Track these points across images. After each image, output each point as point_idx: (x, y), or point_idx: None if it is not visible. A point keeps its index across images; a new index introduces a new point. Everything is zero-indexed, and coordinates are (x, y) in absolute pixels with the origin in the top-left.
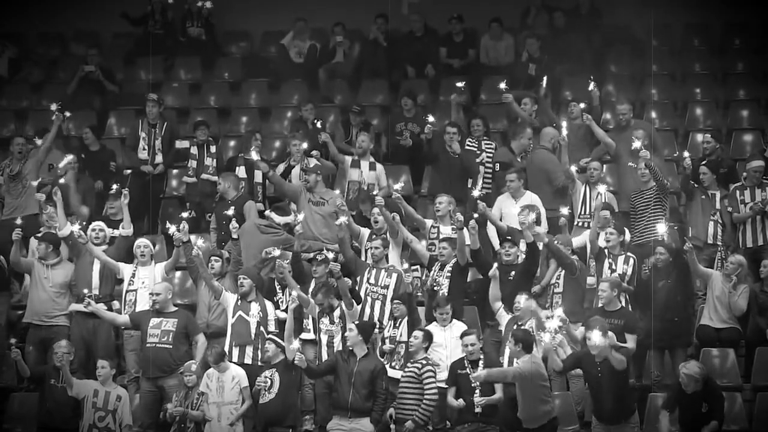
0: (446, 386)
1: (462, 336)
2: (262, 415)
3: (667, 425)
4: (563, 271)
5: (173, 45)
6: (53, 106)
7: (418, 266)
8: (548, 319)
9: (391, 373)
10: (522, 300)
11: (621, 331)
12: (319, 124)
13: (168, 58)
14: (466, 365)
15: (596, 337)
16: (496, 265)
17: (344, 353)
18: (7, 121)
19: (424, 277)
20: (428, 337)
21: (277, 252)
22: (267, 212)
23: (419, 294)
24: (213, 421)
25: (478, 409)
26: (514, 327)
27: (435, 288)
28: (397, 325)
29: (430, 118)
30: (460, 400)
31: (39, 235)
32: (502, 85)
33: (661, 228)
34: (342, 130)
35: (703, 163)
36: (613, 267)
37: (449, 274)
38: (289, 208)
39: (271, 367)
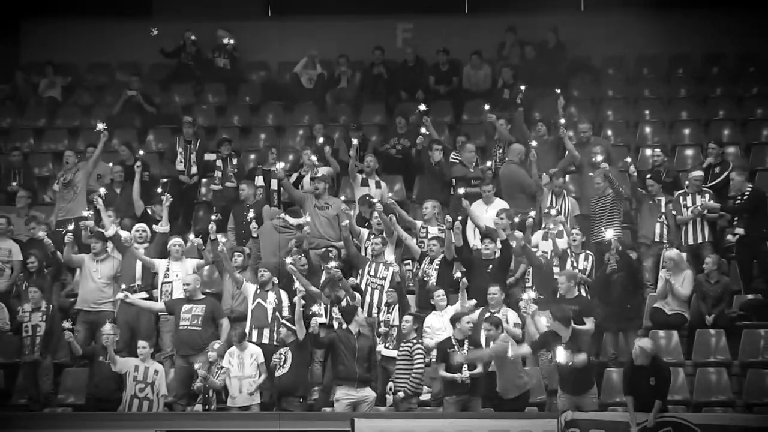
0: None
1: (455, 320)
2: (277, 386)
3: (632, 409)
4: (532, 267)
5: (202, 73)
6: (99, 126)
7: (410, 260)
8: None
9: (386, 352)
10: (495, 291)
11: (579, 315)
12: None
13: (198, 84)
14: (454, 344)
15: (560, 356)
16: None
17: (344, 331)
18: (62, 138)
19: (415, 270)
20: (418, 321)
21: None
22: (282, 215)
23: (411, 284)
24: (234, 391)
25: (468, 381)
26: (486, 315)
27: (425, 279)
28: (390, 310)
29: (423, 130)
30: (460, 373)
31: (91, 234)
32: (487, 107)
33: (609, 233)
34: (345, 145)
35: (648, 176)
36: (575, 264)
37: (437, 267)
38: (300, 211)
39: (285, 346)
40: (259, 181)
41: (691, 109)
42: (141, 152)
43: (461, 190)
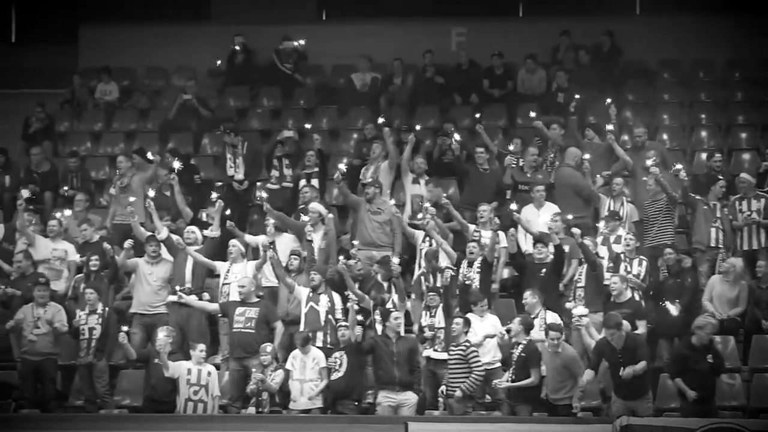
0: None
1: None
2: (332, 390)
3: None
4: (585, 267)
5: (258, 77)
6: (149, 155)
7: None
8: (574, 308)
9: (435, 355)
10: (528, 296)
11: (632, 319)
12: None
13: (253, 88)
14: (513, 347)
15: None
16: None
17: (381, 336)
18: (118, 141)
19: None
20: (467, 323)
21: None
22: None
23: (457, 290)
24: (296, 393)
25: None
26: (548, 321)
27: (467, 282)
28: (433, 314)
29: (457, 136)
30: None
31: (147, 236)
32: (533, 114)
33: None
34: (397, 148)
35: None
36: (629, 269)
37: (479, 270)
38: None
39: (341, 349)
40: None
41: (748, 112)
42: (176, 165)
43: (513, 206)
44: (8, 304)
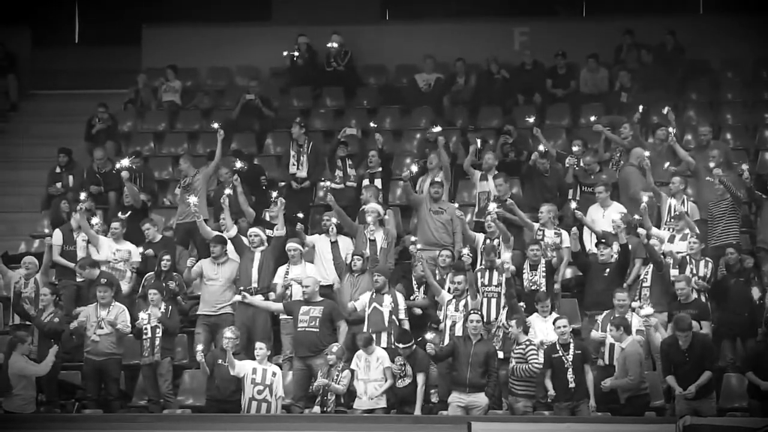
0: (542, 368)
1: (554, 321)
2: (399, 395)
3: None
4: (650, 267)
5: (320, 77)
6: (215, 125)
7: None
8: (640, 309)
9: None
10: (623, 296)
11: (697, 319)
12: (479, 143)
13: (316, 88)
14: (559, 349)
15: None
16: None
17: (462, 338)
18: (181, 142)
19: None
20: (521, 322)
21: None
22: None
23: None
24: (360, 393)
25: (607, 384)
26: (612, 318)
27: (533, 288)
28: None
29: (541, 147)
30: (550, 392)
31: (213, 236)
32: (593, 118)
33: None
34: (463, 148)
35: None
36: (694, 271)
37: (544, 273)
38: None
39: (405, 357)
40: (378, 183)
41: None
42: (238, 165)
43: (573, 204)
44: None
